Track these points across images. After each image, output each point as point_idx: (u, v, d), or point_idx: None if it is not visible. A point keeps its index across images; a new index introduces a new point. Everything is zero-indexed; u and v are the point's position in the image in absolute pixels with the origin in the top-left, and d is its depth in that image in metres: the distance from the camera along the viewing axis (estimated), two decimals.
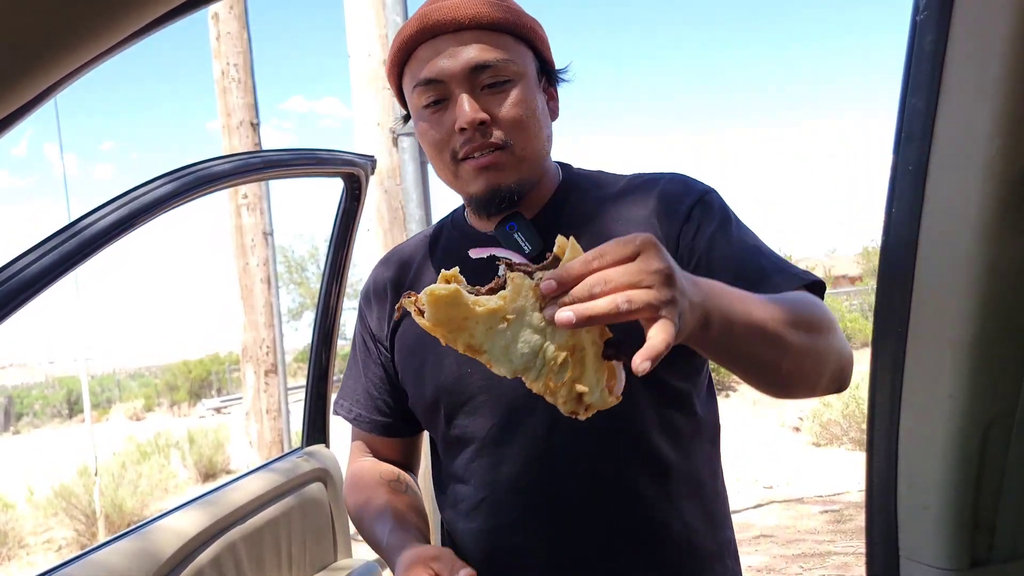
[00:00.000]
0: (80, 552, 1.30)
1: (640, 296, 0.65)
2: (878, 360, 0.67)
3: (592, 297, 0.65)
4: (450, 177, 1.02)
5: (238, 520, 1.58)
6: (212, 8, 5.73)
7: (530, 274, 0.68)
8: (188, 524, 1.45)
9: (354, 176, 1.82)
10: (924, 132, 0.62)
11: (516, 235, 1.02)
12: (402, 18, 3.49)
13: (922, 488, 0.66)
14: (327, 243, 1.93)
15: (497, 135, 0.97)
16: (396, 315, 0.79)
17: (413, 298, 0.70)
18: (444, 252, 1.12)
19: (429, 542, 1.02)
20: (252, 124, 5.73)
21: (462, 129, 0.96)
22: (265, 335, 5.83)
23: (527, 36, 1.00)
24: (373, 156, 1.90)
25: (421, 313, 0.69)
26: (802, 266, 1.08)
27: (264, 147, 6.48)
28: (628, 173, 1.11)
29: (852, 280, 29.11)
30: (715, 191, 1.05)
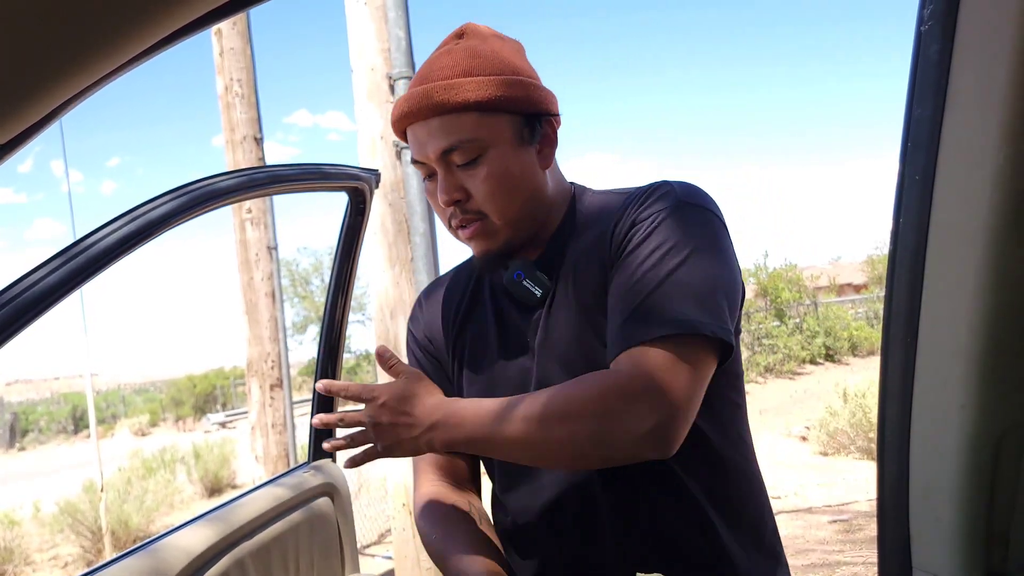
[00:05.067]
0: (88, 570, 1.30)
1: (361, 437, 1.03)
2: (888, 370, 0.67)
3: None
4: (454, 238, 1.12)
5: (246, 536, 1.57)
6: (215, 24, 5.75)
7: None
8: (196, 540, 1.44)
9: (359, 190, 1.83)
10: (931, 141, 0.62)
11: (524, 282, 1.09)
12: (404, 32, 3.50)
13: (935, 499, 0.65)
14: (331, 257, 1.93)
15: (474, 207, 1.05)
16: None
17: None
18: (473, 294, 1.21)
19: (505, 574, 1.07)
20: (256, 139, 5.75)
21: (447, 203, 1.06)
22: (270, 349, 5.83)
23: (496, 105, 1.03)
24: (377, 170, 1.90)
25: None
26: (807, 275, 1.08)
27: (268, 162, 6.50)
28: (633, 187, 1.10)
29: (857, 288, 29.03)
30: (673, 203, 1.01)
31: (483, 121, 1.03)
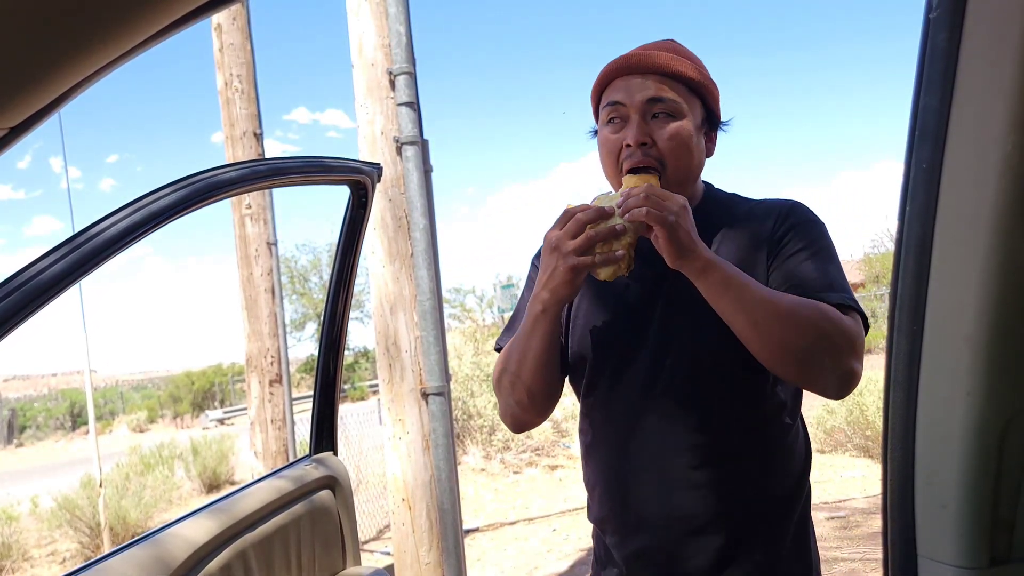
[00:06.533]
0: (90, 560, 1.30)
1: (654, 216, 1.10)
2: (894, 358, 0.67)
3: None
4: (614, 180, 1.31)
5: (248, 527, 1.58)
6: (215, 20, 5.75)
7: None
8: (198, 531, 1.44)
9: (360, 184, 1.83)
10: (938, 130, 0.62)
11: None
12: (405, 27, 3.49)
13: (940, 486, 0.65)
14: (330, 255, 1.93)
15: (656, 154, 1.25)
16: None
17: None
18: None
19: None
20: (256, 135, 5.74)
21: (628, 145, 1.24)
22: (270, 344, 5.82)
23: (700, 90, 1.29)
24: (379, 164, 1.90)
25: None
26: None
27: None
28: (756, 197, 1.39)
29: (855, 287, 29.08)
30: (820, 223, 1.30)
31: (688, 94, 1.27)
